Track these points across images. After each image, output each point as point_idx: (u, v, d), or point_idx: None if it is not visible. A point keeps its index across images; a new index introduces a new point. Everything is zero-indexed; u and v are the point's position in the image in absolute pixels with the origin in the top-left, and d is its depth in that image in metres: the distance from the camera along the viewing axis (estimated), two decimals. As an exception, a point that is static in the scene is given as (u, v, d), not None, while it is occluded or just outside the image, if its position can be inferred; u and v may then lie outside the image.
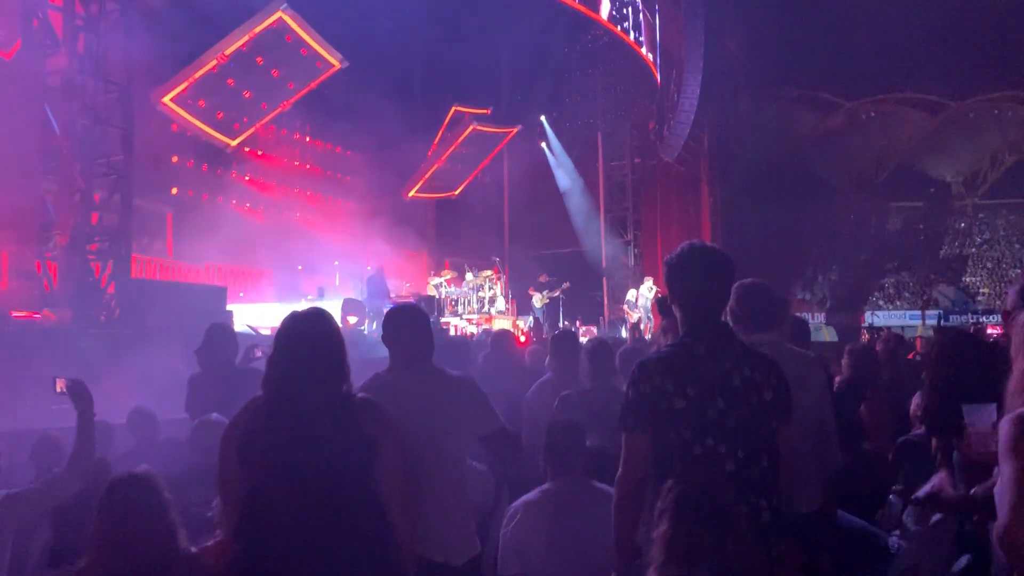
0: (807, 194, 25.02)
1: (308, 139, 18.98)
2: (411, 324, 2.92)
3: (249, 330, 9.38)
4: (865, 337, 15.84)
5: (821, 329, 15.35)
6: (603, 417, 3.62)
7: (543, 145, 22.66)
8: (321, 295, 13.09)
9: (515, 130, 21.18)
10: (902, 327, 20.93)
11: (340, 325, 2.53)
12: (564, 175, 22.67)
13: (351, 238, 16.88)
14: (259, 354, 4.48)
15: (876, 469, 3.51)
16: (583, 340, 4.75)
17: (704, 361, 2.28)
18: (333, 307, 11.09)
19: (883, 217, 28.28)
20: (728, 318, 2.86)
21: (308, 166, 18.96)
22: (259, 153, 17.32)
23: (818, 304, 25.02)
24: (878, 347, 5.14)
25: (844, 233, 26.53)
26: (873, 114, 26.43)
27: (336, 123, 18.21)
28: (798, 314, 7.93)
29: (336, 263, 15.81)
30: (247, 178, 17.12)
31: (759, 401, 2.27)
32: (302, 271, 16.00)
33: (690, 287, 2.35)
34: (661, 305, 3.31)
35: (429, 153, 20.61)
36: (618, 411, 2.33)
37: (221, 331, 4.52)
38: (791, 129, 25.94)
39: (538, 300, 17.65)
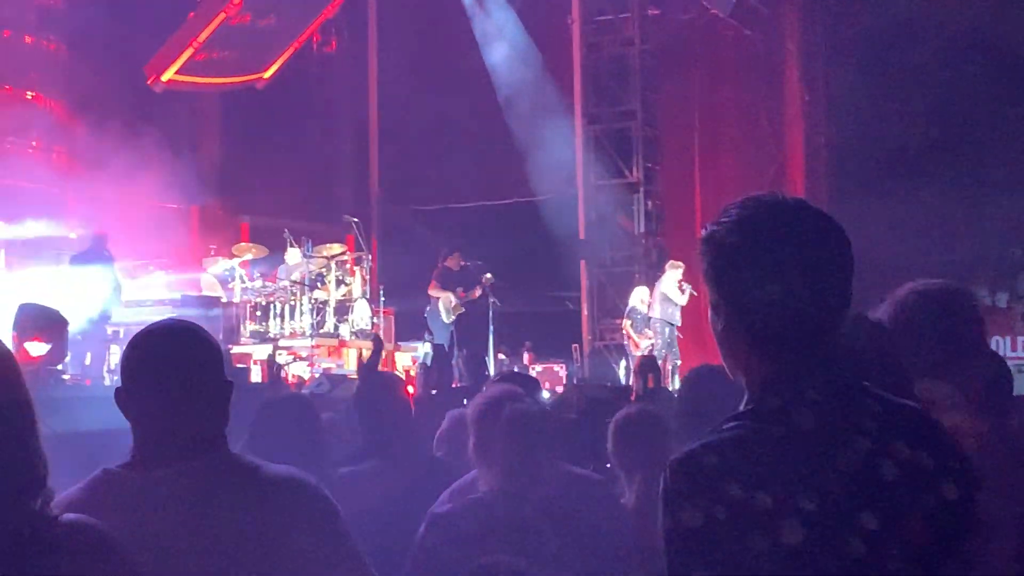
0: (1001, 91, 25.56)
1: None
2: (179, 363, 2.94)
3: None
4: None
5: (1035, 372, 15.78)
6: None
7: (454, -23, 22.72)
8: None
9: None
10: None
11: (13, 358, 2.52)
12: (499, 43, 22.73)
13: (39, 171, 16.62)
14: None
15: None
16: (547, 392, 4.90)
17: (820, 441, 2.31)
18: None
19: None
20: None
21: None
22: None
23: (1025, 318, 25.63)
24: None
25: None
26: None
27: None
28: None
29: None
30: None
31: (939, 505, 2.33)
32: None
33: (764, 291, 2.38)
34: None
35: (206, -11, 20.42)
36: (599, 546, 2.37)
37: None
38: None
39: (447, 308, 17.70)
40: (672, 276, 18.07)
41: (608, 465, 5.71)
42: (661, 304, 18.03)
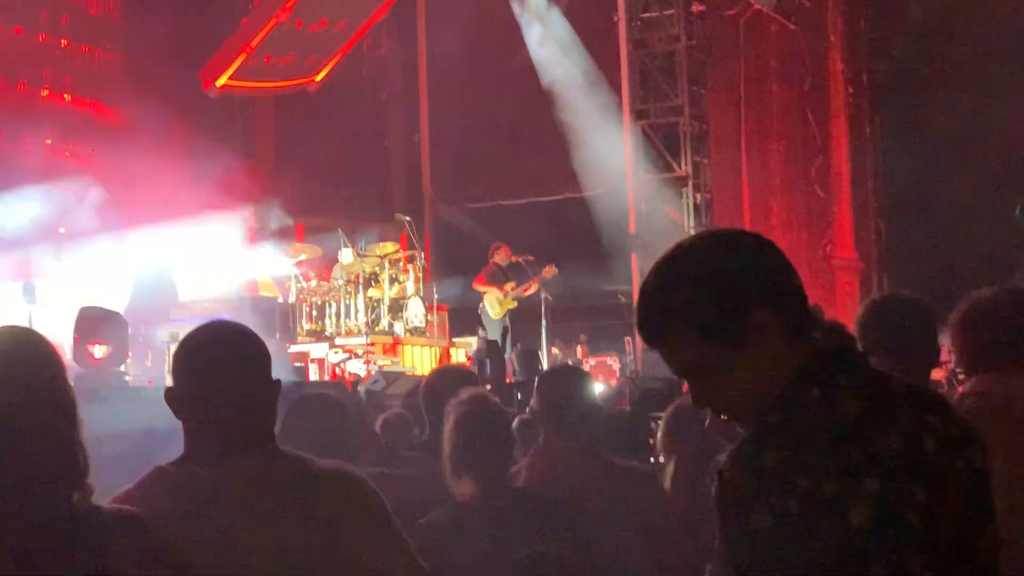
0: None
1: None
2: (225, 362, 2.98)
3: None
4: None
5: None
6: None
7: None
8: (30, 297, 12.97)
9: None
10: None
11: (69, 359, 2.56)
12: (546, 42, 22.67)
13: (99, 178, 16.67)
14: None
15: None
16: (601, 384, 4.86)
17: (869, 423, 2.36)
18: (59, 322, 10.95)
19: None
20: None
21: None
22: None
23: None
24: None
25: None
26: None
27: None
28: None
29: (62, 230, 15.73)
30: None
31: (972, 473, 2.40)
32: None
33: (791, 283, 2.48)
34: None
35: (257, -2, 20.48)
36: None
37: None
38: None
39: (496, 303, 17.68)
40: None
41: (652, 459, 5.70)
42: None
